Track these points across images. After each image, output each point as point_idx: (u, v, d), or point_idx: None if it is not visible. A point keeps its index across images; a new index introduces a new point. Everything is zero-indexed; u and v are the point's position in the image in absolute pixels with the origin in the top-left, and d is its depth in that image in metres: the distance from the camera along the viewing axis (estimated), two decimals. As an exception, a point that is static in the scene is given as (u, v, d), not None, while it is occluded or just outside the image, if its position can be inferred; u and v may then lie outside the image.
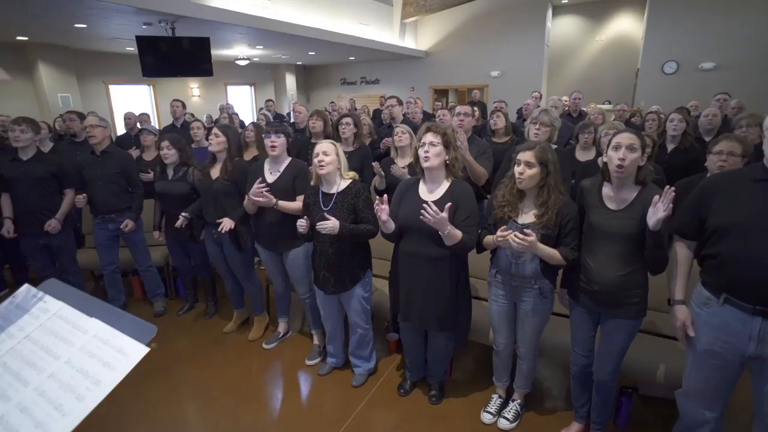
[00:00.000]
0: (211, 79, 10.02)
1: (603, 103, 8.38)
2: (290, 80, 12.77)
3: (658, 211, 1.55)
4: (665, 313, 2.09)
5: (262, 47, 8.99)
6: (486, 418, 2.27)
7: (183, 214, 2.87)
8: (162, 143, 3.02)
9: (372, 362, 2.65)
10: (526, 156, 1.84)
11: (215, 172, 2.80)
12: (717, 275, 1.55)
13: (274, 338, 3.03)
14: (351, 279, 2.36)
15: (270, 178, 2.61)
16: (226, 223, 2.63)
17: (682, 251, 1.70)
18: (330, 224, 2.14)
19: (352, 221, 2.26)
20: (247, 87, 12.52)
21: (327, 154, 2.27)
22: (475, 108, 5.49)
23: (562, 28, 11.08)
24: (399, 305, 2.27)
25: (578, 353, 2.01)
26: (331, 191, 2.32)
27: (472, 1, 9.31)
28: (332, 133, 3.44)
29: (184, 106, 4.85)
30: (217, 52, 9.03)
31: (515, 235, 1.74)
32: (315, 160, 2.26)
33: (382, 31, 10.14)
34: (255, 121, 5.00)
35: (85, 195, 3.06)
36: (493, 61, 10.64)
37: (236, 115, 6.34)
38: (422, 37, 11.53)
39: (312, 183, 2.38)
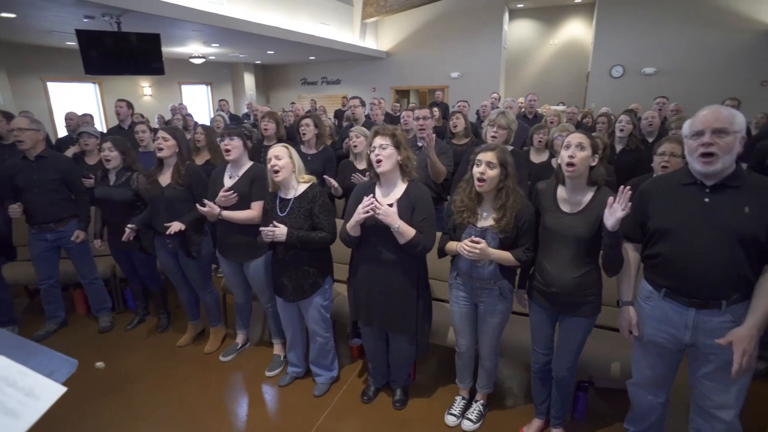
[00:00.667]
0: (164, 78, 9.56)
1: (557, 105, 8.69)
2: (249, 80, 12.43)
3: (615, 211, 1.58)
4: (612, 306, 2.17)
5: (218, 45, 8.68)
6: (450, 420, 2.27)
7: (129, 225, 2.68)
8: (103, 145, 2.82)
9: (334, 371, 2.59)
10: (487, 156, 1.84)
11: (165, 178, 2.64)
12: (658, 273, 1.63)
13: (231, 350, 2.90)
14: (310, 287, 2.29)
15: (228, 182, 2.50)
16: (175, 225, 2.49)
17: (629, 254, 1.75)
18: (277, 231, 2.09)
19: (309, 227, 2.20)
20: (204, 86, 12.06)
21: (279, 158, 2.19)
22: (435, 109, 5.55)
23: (519, 31, 11.42)
24: (359, 310, 2.24)
25: (539, 351, 2.04)
26: (288, 196, 2.25)
27: (432, 3, 9.41)
28: (286, 135, 3.35)
29: (129, 106, 4.49)
30: (170, 50, 8.64)
31: (464, 246, 1.77)
32: (269, 166, 2.19)
33: (342, 31, 10.05)
34: (211, 122, 4.80)
35: (20, 204, 2.80)
36: (453, 63, 10.79)
37: (190, 116, 6.06)
38: (383, 37, 11.53)
39: (270, 189, 2.30)
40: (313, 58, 11.36)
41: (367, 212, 1.90)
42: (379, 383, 2.50)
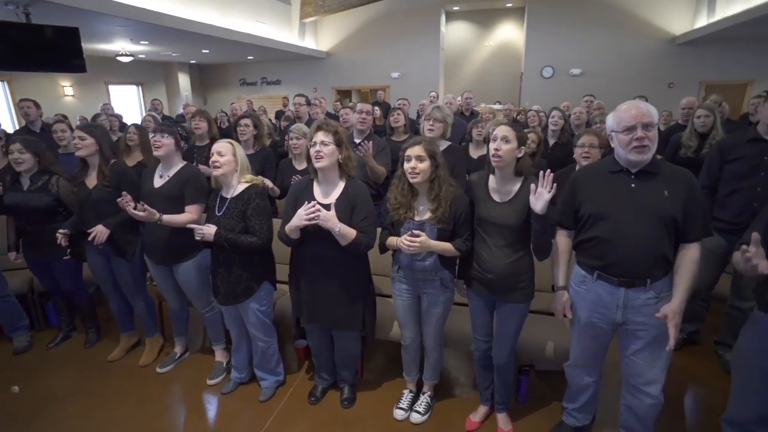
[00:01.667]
0: (88, 77, 8.87)
1: (494, 104, 9.06)
2: (184, 80, 11.83)
3: (541, 195, 1.66)
4: (548, 292, 2.30)
5: (147, 43, 8.17)
6: (398, 414, 2.28)
7: (61, 231, 2.48)
8: (12, 146, 2.56)
9: (280, 375, 2.53)
10: (415, 150, 1.87)
11: (91, 180, 2.46)
12: (591, 255, 1.73)
13: (169, 360, 2.74)
14: (243, 291, 2.22)
15: (158, 182, 2.37)
16: (99, 232, 2.33)
17: (562, 240, 1.86)
18: (205, 230, 2.04)
19: (242, 229, 2.13)
20: (134, 87, 11.31)
21: (222, 154, 2.12)
22: (377, 108, 5.58)
23: (456, 33, 11.79)
24: (301, 309, 2.20)
25: (479, 339, 2.10)
26: (227, 195, 2.17)
27: (370, 3, 9.46)
28: (219, 135, 3.22)
29: (37, 105, 4.05)
30: (94, 47, 8.02)
31: (404, 241, 1.80)
32: (211, 160, 2.12)
33: (280, 31, 9.83)
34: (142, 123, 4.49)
35: None
36: (393, 63, 10.93)
37: (115, 117, 5.64)
38: (323, 37, 11.43)
39: (213, 185, 2.23)
40: (252, 57, 11.03)
41: (310, 219, 1.86)
42: (327, 383, 2.47)
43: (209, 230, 2.06)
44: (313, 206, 1.87)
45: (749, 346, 1.59)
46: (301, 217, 1.89)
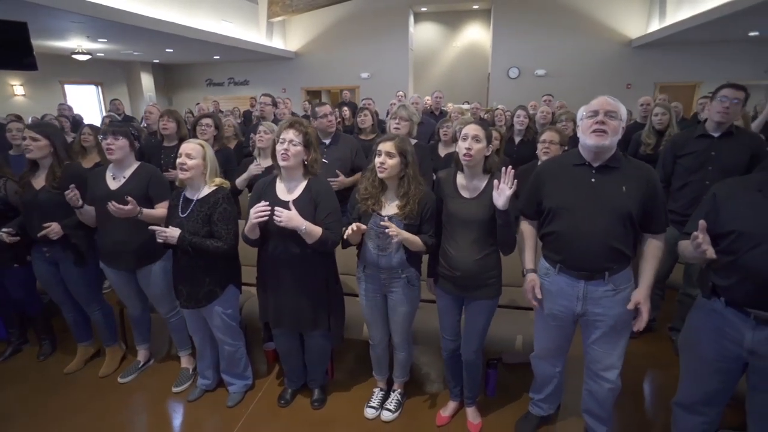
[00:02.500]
0: (41, 76, 8.44)
1: (463, 104, 9.20)
2: (147, 80, 11.42)
3: (503, 191, 1.69)
4: (519, 287, 2.34)
5: (105, 41, 7.84)
6: (369, 413, 2.28)
7: (5, 229, 2.33)
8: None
9: (248, 378, 2.47)
10: (386, 147, 1.88)
11: (39, 181, 2.33)
12: (553, 249, 1.78)
13: (132, 369, 2.63)
14: (205, 296, 2.16)
15: (113, 184, 2.27)
16: (54, 228, 2.23)
17: (526, 228, 1.91)
18: (168, 232, 1.97)
19: (207, 233, 2.07)
20: (93, 87, 10.83)
21: (191, 156, 2.06)
22: (345, 108, 5.57)
23: (424, 34, 11.90)
24: (268, 311, 2.16)
25: (447, 339, 2.12)
26: (192, 197, 2.11)
27: (338, 3, 9.42)
28: (188, 135, 3.14)
29: None
30: (47, 43, 7.62)
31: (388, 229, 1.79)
32: (178, 161, 2.05)
33: (248, 30, 9.65)
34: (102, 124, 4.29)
35: None
36: (363, 63, 10.92)
37: (66, 118, 5.37)
38: (291, 37, 11.30)
39: (177, 184, 2.16)
40: (218, 57, 10.78)
41: (259, 218, 1.86)
42: (296, 385, 2.44)
43: (173, 233, 1.99)
44: (266, 206, 1.85)
45: (693, 331, 1.67)
46: (251, 216, 1.87)
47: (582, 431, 2.10)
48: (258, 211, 1.86)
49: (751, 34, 8.01)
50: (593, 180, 1.67)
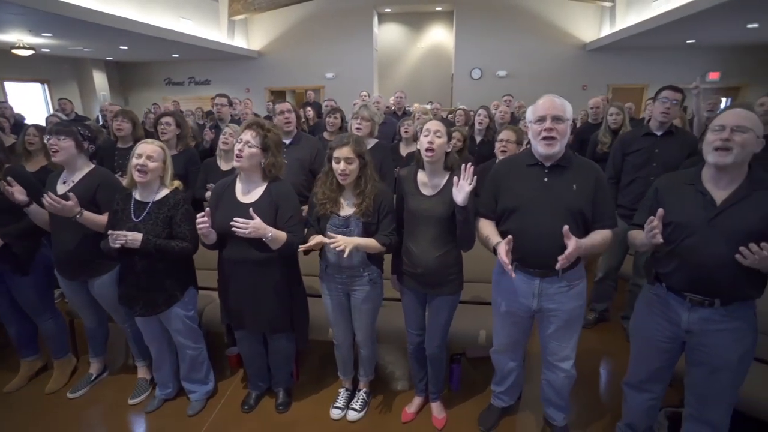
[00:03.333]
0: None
1: (427, 104, 9.31)
2: (100, 78, 10.88)
3: (463, 187, 1.70)
4: (481, 283, 2.40)
5: (51, 36, 7.39)
6: (335, 413, 2.27)
7: None
8: None
9: (209, 383, 2.40)
10: (344, 152, 1.86)
11: None
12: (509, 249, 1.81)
13: (84, 383, 2.50)
14: (165, 300, 2.09)
15: (61, 188, 2.16)
16: None
17: (485, 221, 1.91)
18: (131, 235, 1.88)
19: (167, 236, 2.01)
20: (38, 85, 10.20)
21: (152, 159, 1.98)
22: (309, 108, 5.53)
23: (388, 34, 11.97)
24: (230, 313, 2.12)
25: (412, 333, 2.14)
26: (147, 199, 2.02)
27: (301, 3, 9.32)
28: (145, 136, 3.01)
29: None
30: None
31: (330, 244, 1.78)
32: (134, 161, 1.96)
33: (208, 29, 9.38)
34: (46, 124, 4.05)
35: None
36: (327, 63, 10.86)
37: (6, 119, 5.04)
38: (254, 36, 11.08)
39: (125, 184, 2.06)
40: (177, 56, 10.41)
41: (202, 228, 1.85)
42: (261, 389, 2.40)
43: (135, 236, 1.90)
44: (203, 218, 1.84)
45: (640, 315, 1.78)
46: (198, 223, 1.84)
47: (542, 419, 2.18)
48: (199, 222, 1.83)
49: (689, 41, 8.58)
50: (546, 179, 1.72)
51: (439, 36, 11.85)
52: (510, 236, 1.67)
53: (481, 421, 2.21)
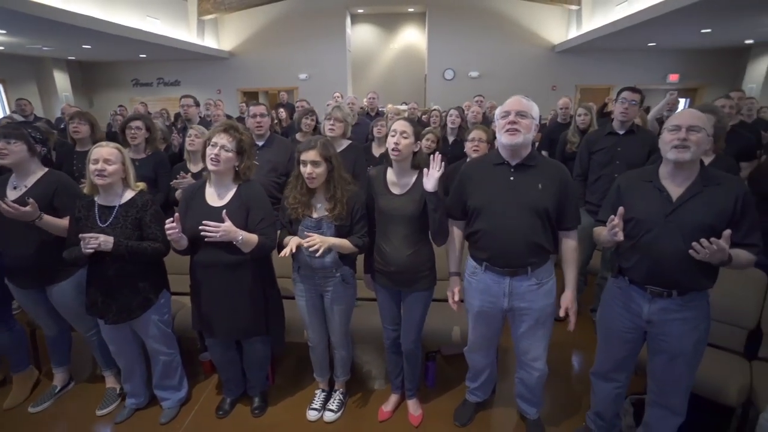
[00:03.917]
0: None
1: (401, 104, 9.37)
2: (61, 79, 10.43)
3: (432, 174, 1.73)
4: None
5: (5, 32, 7.05)
6: (311, 415, 2.26)
7: None
8: None
9: (183, 390, 2.35)
10: (310, 156, 1.86)
11: None
12: (478, 248, 1.85)
13: (47, 396, 2.40)
14: (139, 305, 2.04)
15: (12, 194, 2.06)
16: None
17: (454, 230, 1.96)
18: (101, 239, 1.82)
19: (137, 238, 1.96)
20: (-7, 85, 9.70)
21: (110, 162, 1.91)
22: (282, 110, 5.47)
23: (361, 35, 11.97)
24: (203, 320, 2.08)
25: (388, 328, 2.16)
26: (112, 204, 1.97)
27: (273, 2, 9.20)
28: (105, 138, 2.91)
29: None
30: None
31: (304, 244, 1.78)
32: (92, 167, 1.89)
33: (176, 28, 9.14)
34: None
35: None
36: (301, 64, 10.76)
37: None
38: (224, 37, 10.87)
39: (86, 191, 1.98)
40: (145, 56, 10.11)
41: (170, 234, 1.81)
42: (235, 394, 2.36)
43: (106, 239, 1.84)
44: (172, 224, 1.79)
45: (605, 307, 1.85)
46: (167, 229, 1.80)
47: (516, 413, 2.24)
48: (168, 228, 1.79)
49: (650, 44, 8.95)
50: (512, 178, 1.76)
51: (412, 37, 11.94)
52: (459, 288, 1.87)
53: (457, 416, 2.24)
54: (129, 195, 2.00)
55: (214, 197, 1.96)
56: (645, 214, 1.58)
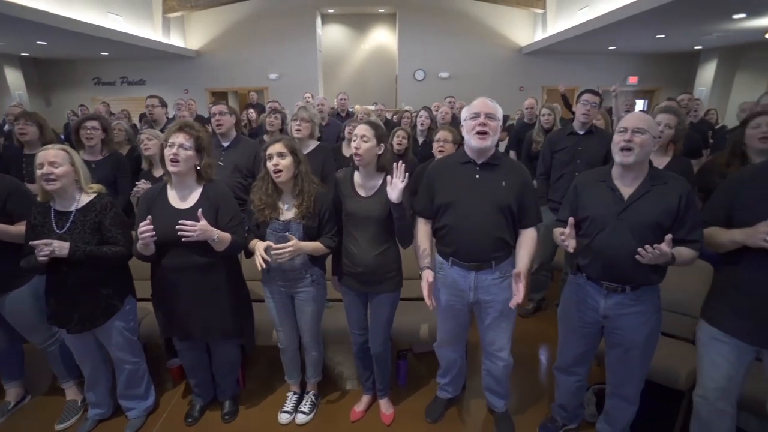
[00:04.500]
0: None
1: (372, 105, 9.39)
2: (14, 76, 9.89)
3: (396, 185, 1.76)
4: (419, 280, 2.47)
5: (-54, 26, 6.63)
6: (283, 418, 2.25)
7: None
8: None
9: (150, 399, 2.29)
10: (276, 148, 1.87)
11: None
12: (445, 243, 1.90)
13: (0, 412, 2.30)
14: (104, 312, 1.98)
15: None
16: None
17: (422, 227, 1.98)
18: (56, 244, 1.75)
19: (98, 243, 1.89)
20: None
21: (56, 164, 1.83)
22: (252, 110, 5.40)
23: (332, 35, 11.92)
24: (172, 326, 2.04)
25: (355, 333, 2.17)
26: (69, 209, 1.89)
27: (240, 1, 9.03)
28: (55, 141, 2.80)
29: None
30: None
31: (274, 252, 1.79)
32: (38, 172, 1.81)
33: (140, 26, 8.85)
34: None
35: None
36: (271, 64, 10.62)
37: None
38: (191, 35, 10.59)
39: (39, 198, 1.90)
40: (107, 53, 9.73)
41: (149, 237, 1.75)
42: (205, 399, 2.33)
43: (61, 244, 1.77)
44: (149, 224, 1.74)
45: (565, 303, 1.92)
46: (140, 235, 1.74)
47: (485, 408, 2.30)
48: (143, 231, 1.73)
49: (611, 48, 9.32)
50: (477, 176, 1.82)
51: (383, 38, 11.98)
52: (432, 275, 1.80)
53: (428, 413, 2.28)
54: (87, 199, 1.93)
55: (179, 200, 1.92)
56: (599, 213, 1.66)
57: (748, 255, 1.47)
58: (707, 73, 9.35)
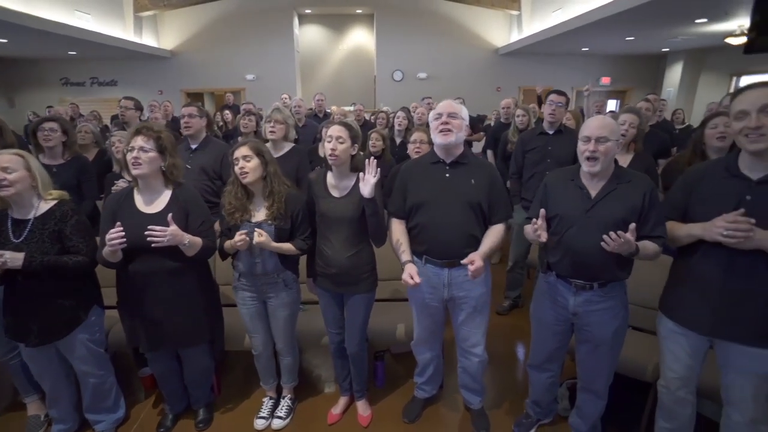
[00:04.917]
0: None
1: (350, 105, 9.36)
2: (-26, 77, 9.52)
3: (368, 180, 1.78)
4: (397, 280, 2.46)
5: None
6: (259, 424, 2.22)
7: None
8: None
9: (120, 411, 2.22)
10: (242, 151, 1.87)
11: None
12: (418, 242, 1.92)
13: (-40, 428, 2.19)
14: (66, 324, 1.90)
15: None
16: None
17: (397, 227, 1.99)
18: (8, 255, 1.67)
19: (58, 252, 1.82)
20: None
21: (9, 170, 1.75)
22: (227, 112, 5.31)
23: (310, 35, 11.85)
24: (139, 335, 1.98)
25: (332, 332, 2.16)
26: (27, 216, 1.81)
27: (215, 1, 8.88)
28: (17, 144, 2.69)
29: None
30: None
31: (246, 235, 1.77)
32: None
33: (110, 25, 8.60)
34: None
35: None
36: (248, 64, 10.48)
37: None
38: (165, 35, 10.36)
39: None
40: (75, 53, 9.43)
41: (119, 243, 1.69)
42: (178, 408, 2.27)
43: (14, 255, 1.69)
44: (120, 230, 1.68)
45: (536, 301, 1.96)
46: (108, 241, 1.68)
47: (461, 406, 2.31)
48: (113, 237, 1.67)
49: (584, 49, 9.55)
50: (447, 175, 1.86)
51: (361, 38, 11.97)
52: (413, 267, 1.79)
53: (405, 413, 2.28)
54: (46, 206, 1.84)
55: (147, 204, 1.87)
56: (567, 211, 1.69)
57: (701, 248, 1.52)
58: (674, 74, 9.68)
